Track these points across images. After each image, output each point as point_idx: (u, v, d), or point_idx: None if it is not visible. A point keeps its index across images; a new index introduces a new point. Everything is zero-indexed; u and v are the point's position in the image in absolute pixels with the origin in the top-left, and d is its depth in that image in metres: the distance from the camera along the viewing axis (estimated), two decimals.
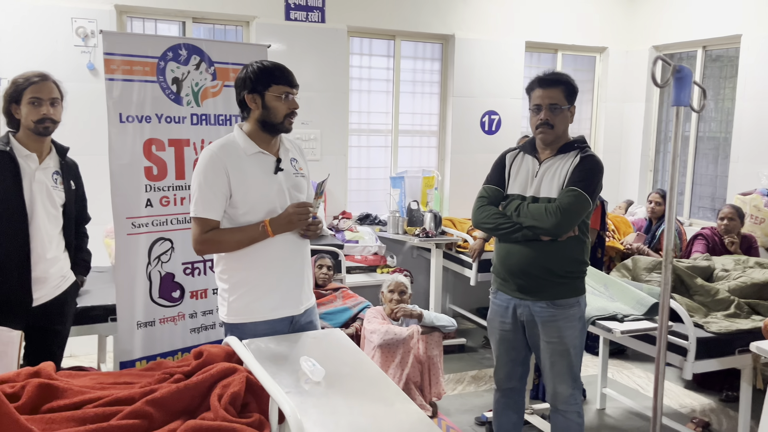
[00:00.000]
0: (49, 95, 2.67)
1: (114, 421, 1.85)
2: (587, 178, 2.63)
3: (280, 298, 2.46)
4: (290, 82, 2.40)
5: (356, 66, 5.46)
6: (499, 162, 2.90)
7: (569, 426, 2.81)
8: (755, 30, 5.14)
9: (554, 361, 2.73)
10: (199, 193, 2.34)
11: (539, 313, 2.72)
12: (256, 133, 2.41)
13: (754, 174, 5.07)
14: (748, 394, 3.24)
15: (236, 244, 2.37)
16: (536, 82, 2.70)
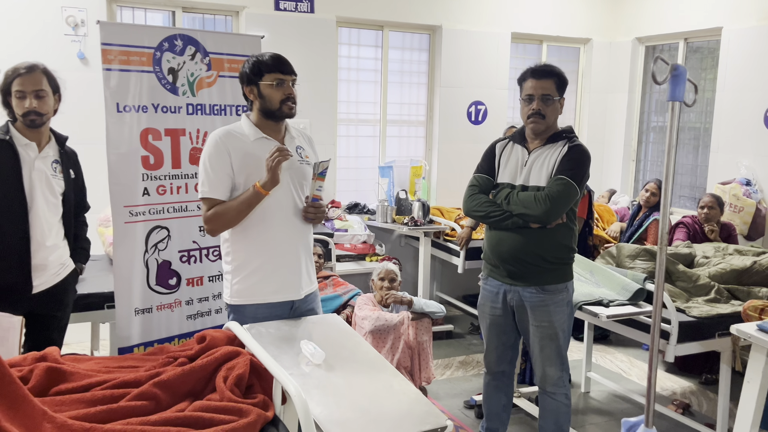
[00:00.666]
0: (33, 87, 2.66)
1: (122, 402, 1.91)
2: (575, 167, 2.72)
3: (281, 282, 2.54)
4: (282, 69, 2.49)
5: (345, 56, 5.50)
6: (489, 151, 2.99)
7: (558, 407, 2.91)
8: (735, 23, 5.26)
9: (544, 345, 2.83)
10: (205, 175, 2.46)
11: (529, 298, 2.81)
12: (260, 122, 2.52)
13: (734, 163, 5.21)
14: (728, 376, 3.37)
15: (236, 211, 2.45)
16: (529, 73, 2.78)
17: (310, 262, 2.67)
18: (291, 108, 2.50)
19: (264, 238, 2.51)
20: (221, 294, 3.32)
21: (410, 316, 3.92)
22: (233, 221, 2.47)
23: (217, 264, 3.33)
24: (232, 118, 3.29)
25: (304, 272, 2.62)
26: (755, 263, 3.65)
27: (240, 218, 2.46)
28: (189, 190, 3.20)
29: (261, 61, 2.48)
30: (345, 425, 1.84)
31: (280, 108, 2.47)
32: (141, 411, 1.90)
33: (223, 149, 2.45)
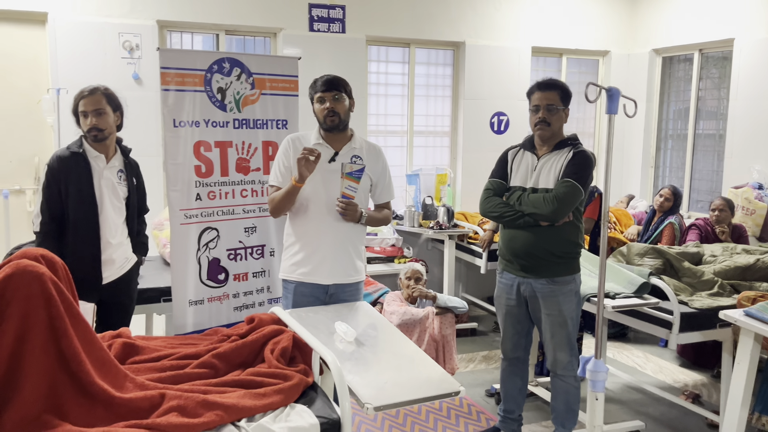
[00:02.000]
0: (94, 107, 3.06)
1: (187, 369, 2.28)
2: (579, 171, 3.04)
3: (312, 267, 3.02)
4: (322, 88, 2.98)
5: (374, 72, 5.88)
6: (503, 158, 3.33)
7: (567, 389, 3.21)
8: (747, 34, 5.50)
9: (554, 332, 3.14)
10: (273, 167, 3.10)
11: (540, 289, 3.13)
12: (323, 132, 3.05)
13: (746, 169, 5.43)
14: (729, 364, 3.60)
15: (280, 198, 3.00)
16: (535, 86, 3.13)
17: (348, 257, 3.04)
18: (332, 120, 2.98)
19: (305, 227, 3.03)
20: (264, 288, 3.72)
21: (435, 311, 4.25)
22: (280, 206, 3.01)
23: (260, 261, 3.71)
24: (273, 131, 3.69)
25: (337, 263, 3.00)
26: (758, 260, 3.89)
27: (285, 204, 2.99)
28: (236, 196, 3.59)
29: (312, 84, 3.03)
30: (373, 388, 2.18)
31: (324, 121, 2.99)
32: (203, 376, 2.28)
33: (288, 148, 3.04)
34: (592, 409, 2.43)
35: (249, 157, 3.62)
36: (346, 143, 3.06)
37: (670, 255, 3.93)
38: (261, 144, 3.66)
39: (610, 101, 2.34)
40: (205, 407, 1.98)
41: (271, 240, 3.74)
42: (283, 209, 3.02)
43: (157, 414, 1.96)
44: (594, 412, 2.42)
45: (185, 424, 1.91)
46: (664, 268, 3.89)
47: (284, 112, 3.73)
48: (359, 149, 3.09)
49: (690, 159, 6.24)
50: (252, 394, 2.09)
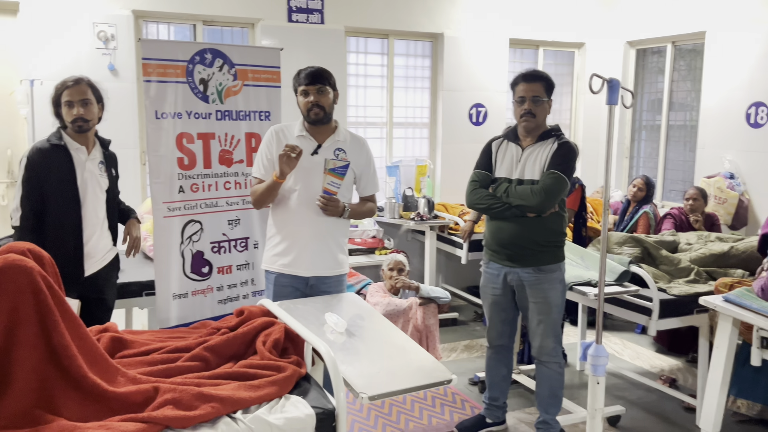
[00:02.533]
0: (79, 97, 3.02)
1: (179, 363, 2.27)
2: (564, 162, 3.09)
3: (292, 258, 3.03)
4: (305, 82, 2.97)
5: (353, 63, 5.87)
6: (486, 149, 3.35)
7: (551, 375, 3.27)
8: (719, 27, 5.60)
9: (540, 319, 3.19)
10: (256, 159, 3.09)
11: (527, 278, 3.17)
12: (307, 125, 3.03)
13: (718, 159, 5.56)
14: (706, 349, 3.71)
15: (261, 192, 3.00)
16: (520, 77, 3.15)
17: (328, 251, 3.05)
18: (316, 113, 2.96)
19: (283, 219, 3.04)
20: (248, 281, 3.71)
21: (418, 301, 4.28)
22: (262, 199, 3.02)
23: (244, 254, 3.70)
24: (256, 122, 3.67)
25: (316, 256, 3.01)
26: (732, 248, 3.99)
27: (266, 197, 3.00)
28: (219, 188, 3.57)
29: (296, 76, 3.01)
30: (366, 377, 2.20)
31: (308, 114, 2.97)
32: (194, 369, 2.27)
33: (271, 140, 3.04)
34: (593, 393, 2.49)
35: (232, 149, 3.60)
36: (329, 135, 3.05)
37: (648, 243, 4.01)
38: (244, 136, 3.64)
39: (611, 92, 2.38)
40: (200, 399, 1.97)
41: (255, 232, 3.73)
42: (264, 202, 3.03)
43: (152, 407, 1.94)
44: (595, 395, 2.48)
45: (181, 417, 1.90)
46: (643, 257, 3.97)
47: (267, 104, 3.71)
48: (343, 141, 3.08)
49: (663, 149, 6.36)
50: (247, 386, 2.09)
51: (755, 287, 2.86)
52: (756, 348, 2.93)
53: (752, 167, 5.38)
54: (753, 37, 5.33)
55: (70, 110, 3.00)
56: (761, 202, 5.31)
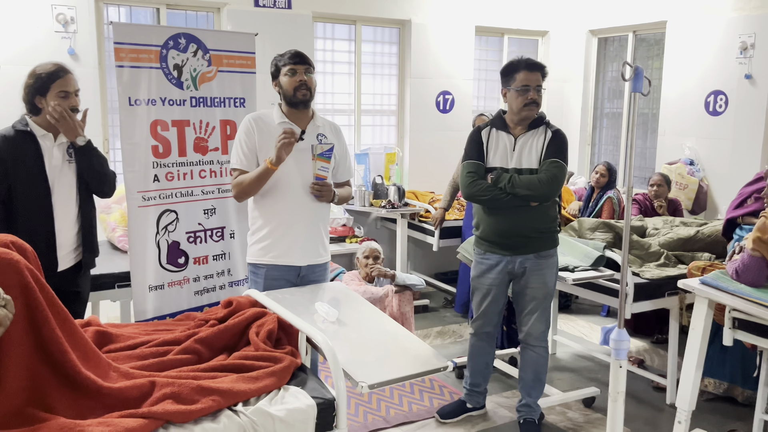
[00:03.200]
0: (74, 88, 2.92)
1: (170, 356, 2.22)
2: (562, 150, 3.16)
3: (285, 248, 2.93)
4: (294, 60, 2.88)
5: (320, 49, 5.80)
6: (476, 139, 3.29)
7: (538, 359, 3.32)
8: (679, 16, 5.75)
9: (537, 303, 3.23)
10: (234, 149, 2.92)
11: (528, 265, 3.20)
12: (287, 110, 2.93)
13: (679, 145, 5.72)
14: (676, 330, 3.83)
15: (250, 181, 2.86)
16: (523, 65, 3.13)
17: (319, 237, 3.01)
18: (304, 94, 2.88)
19: (275, 208, 2.92)
20: (224, 271, 3.64)
21: (394, 289, 4.29)
22: (250, 189, 2.88)
23: (221, 244, 3.63)
24: (231, 109, 3.59)
25: (314, 244, 2.97)
26: (698, 232, 4.12)
27: (255, 187, 2.86)
28: (194, 176, 3.49)
29: (280, 57, 2.91)
30: (364, 366, 2.19)
31: (294, 94, 2.87)
32: (187, 362, 2.22)
33: (251, 129, 2.90)
34: (615, 376, 2.53)
35: (207, 137, 3.52)
36: (309, 121, 2.99)
37: (619, 229, 4.11)
38: (219, 123, 3.56)
39: (636, 80, 2.40)
40: (200, 393, 1.93)
41: (231, 222, 3.66)
42: (252, 193, 2.89)
43: (151, 402, 1.89)
44: (617, 378, 2.52)
45: (183, 411, 1.85)
46: (614, 242, 4.06)
47: (241, 90, 3.64)
48: (322, 127, 3.04)
49: (624, 137, 6.51)
50: (245, 378, 2.06)
51: (729, 270, 2.95)
52: (728, 329, 3.02)
53: (711, 154, 5.56)
54: (711, 27, 5.49)
55: (64, 101, 2.86)
56: (719, 188, 5.50)
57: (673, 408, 3.60)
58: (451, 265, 6.13)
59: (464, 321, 5.18)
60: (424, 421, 3.54)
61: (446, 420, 3.50)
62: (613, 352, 2.50)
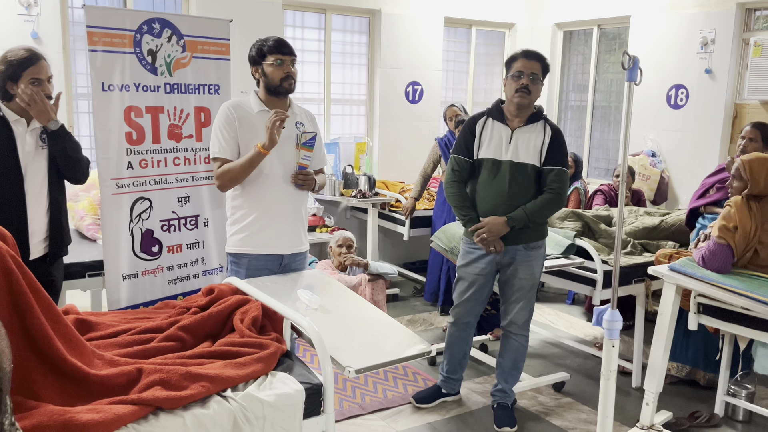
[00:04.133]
0: (47, 75, 2.86)
1: (153, 343, 2.20)
2: (564, 155, 3.22)
3: (269, 237, 2.90)
4: (282, 51, 2.84)
5: (290, 37, 5.75)
6: (469, 130, 3.28)
7: (518, 347, 3.38)
8: (642, 11, 5.89)
9: (523, 293, 3.28)
10: (215, 138, 2.84)
11: (518, 256, 3.23)
12: (265, 98, 2.88)
13: (641, 138, 5.87)
14: (641, 316, 3.95)
15: (240, 168, 2.79)
16: (521, 54, 3.16)
17: (301, 225, 3.00)
18: (290, 84, 2.85)
19: (257, 197, 2.87)
20: (198, 260, 3.61)
21: (367, 277, 4.31)
22: (238, 177, 2.82)
23: (194, 232, 3.60)
24: (206, 96, 3.55)
25: (295, 232, 2.96)
26: (662, 222, 4.26)
27: (243, 175, 2.81)
28: (168, 164, 3.44)
29: (265, 44, 2.83)
30: (350, 352, 2.21)
31: (281, 84, 2.83)
32: (171, 350, 2.20)
33: (231, 117, 2.83)
34: (608, 356, 2.61)
35: (181, 124, 3.48)
36: (287, 109, 2.94)
37: (587, 218, 4.21)
38: (193, 110, 3.53)
39: (632, 69, 2.47)
40: (189, 379, 1.93)
41: (205, 210, 3.63)
42: (240, 180, 2.82)
43: (139, 389, 1.88)
44: (610, 358, 2.59)
45: (172, 398, 1.85)
46: (583, 231, 4.16)
47: (216, 77, 3.61)
48: (299, 115, 3.01)
49: (589, 129, 6.65)
50: (233, 364, 2.06)
51: (696, 257, 3.07)
52: (693, 313, 3.14)
53: (672, 146, 5.73)
54: (674, 23, 5.64)
55: (37, 88, 2.79)
56: (680, 179, 5.67)
57: (639, 391, 3.73)
58: (420, 255, 6.19)
59: (434, 309, 5.23)
60: (399, 407, 3.58)
61: (422, 405, 3.54)
62: (606, 332, 2.58)
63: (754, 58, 5.05)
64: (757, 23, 5.31)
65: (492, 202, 3.20)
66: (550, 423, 3.45)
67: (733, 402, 3.49)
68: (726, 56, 5.31)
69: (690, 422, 3.43)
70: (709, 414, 3.48)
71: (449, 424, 3.41)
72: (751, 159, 3.06)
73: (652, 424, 3.24)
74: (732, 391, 3.49)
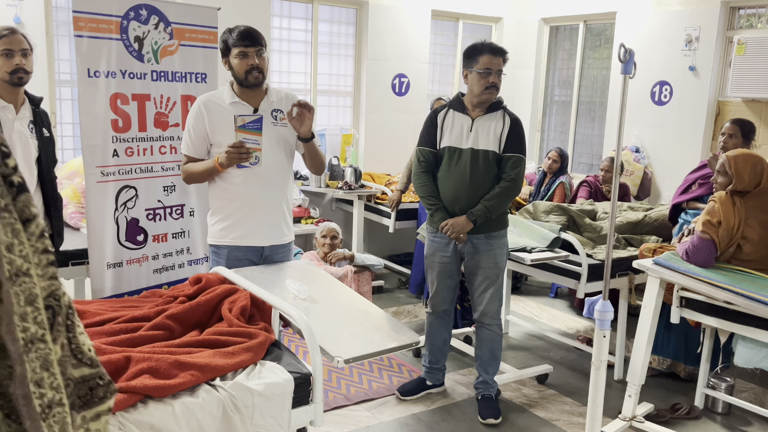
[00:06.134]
0: (19, 46, 2.83)
1: (141, 332, 2.19)
2: (522, 142, 3.28)
3: (248, 229, 2.88)
4: (244, 43, 2.75)
5: (276, 27, 5.72)
6: (431, 122, 3.36)
7: (493, 337, 3.42)
8: (628, 8, 5.93)
9: (489, 283, 3.31)
10: (185, 134, 2.86)
11: (480, 245, 3.27)
12: (238, 88, 2.83)
13: (625, 133, 5.92)
14: (624, 310, 4.00)
15: (199, 173, 2.83)
16: (486, 49, 3.17)
17: (282, 217, 2.98)
18: (256, 77, 2.78)
19: (236, 189, 2.84)
20: (184, 250, 3.59)
21: (353, 269, 4.31)
22: (196, 180, 2.89)
23: (180, 222, 3.57)
24: (193, 84, 3.52)
25: (276, 224, 2.94)
26: (646, 216, 4.31)
27: (203, 180, 2.87)
28: (154, 152, 3.41)
29: (228, 36, 2.78)
30: (339, 342, 2.21)
31: (246, 78, 2.77)
32: (158, 338, 2.19)
33: (199, 114, 2.80)
34: (599, 345, 2.66)
35: (167, 112, 3.45)
36: (262, 98, 2.87)
37: (572, 212, 4.24)
38: (180, 98, 3.49)
39: (628, 62, 2.50)
40: (177, 368, 1.92)
41: (191, 199, 3.60)
42: (199, 182, 2.91)
43: (127, 377, 1.87)
44: (600, 347, 2.65)
45: (161, 386, 1.84)
46: (568, 225, 4.19)
47: (203, 65, 3.57)
48: (277, 102, 2.92)
49: (573, 124, 6.69)
50: (222, 353, 2.05)
51: (679, 251, 3.11)
52: (675, 307, 3.18)
53: (655, 142, 5.79)
54: (659, 20, 5.69)
55: (8, 60, 2.76)
56: (662, 174, 5.74)
57: (621, 384, 3.78)
58: (405, 247, 6.20)
59: (419, 302, 5.25)
60: (385, 398, 3.59)
61: (406, 397, 3.56)
62: (597, 322, 2.63)
63: (737, 56, 5.11)
64: (741, 21, 5.37)
65: (454, 188, 3.26)
66: (534, 414, 3.49)
67: (713, 394, 3.54)
68: (710, 54, 5.37)
69: (671, 414, 3.48)
70: (689, 406, 3.53)
71: (434, 415, 3.43)
72: (736, 155, 3.11)
73: (634, 415, 3.28)
74: (712, 384, 3.55)
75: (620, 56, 2.45)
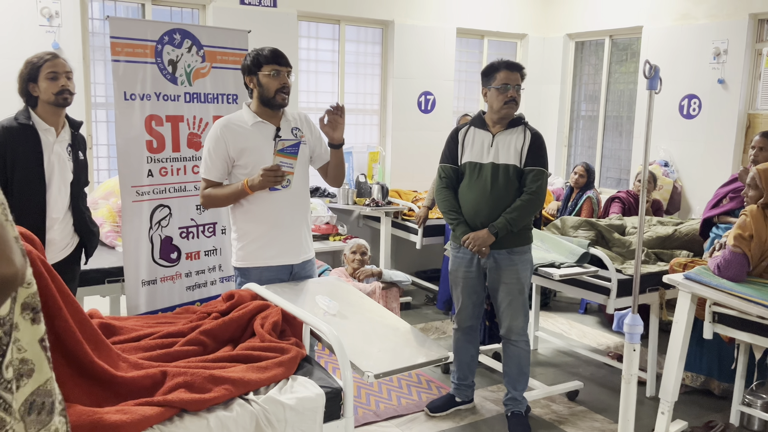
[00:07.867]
0: (63, 69, 2.94)
1: (176, 347, 2.24)
2: (543, 155, 3.28)
3: (279, 248, 2.90)
4: (278, 61, 2.81)
5: (304, 48, 5.83)
6: (452, 139, 3.44)
7: (520, 353, 3.41)
8: (654, 22, 5.92)
9: (512, 299, 3.31)
10: (204, 158, 2.84)
11: (502, 260, 3.28)
12: (258, 108, 2.85)
13: (654, 147, 5.89)
14: (656, 326, 3.96)
15: (225, 198, 2.83)
16: (503, 65, 3.23)
17: (308, 232, 3.03)
18: (284, 98, 2.81)
19: (264, 210, 2.85)
20: (216, 267, 3.66)
21: (381, 285, 4.35)
22: (219, 204, 2.88)
23: (212, 240, 3.64)
24: (224, 106, 3.61)
25: (303, 240, 2.98)
26: (676, 231, 4.27)
27: (228, 204, 2.86)
28: (187, 172, 3.50)
29: (261, 54, 2.81)
30: (369, 357, 2.24)
31: (274, 96, 2.79)
32: (193, 353, 2.24)
33: (220, 138, 2.79)
34: (629, 359, 2.65)
35: (200, 132, 3.54)
36: (281, 118, 2.90)
37: (601, 227, 4.23)
38: (212, 119, 3.57)
39: (653, 78, 2.52)
40: (212, 382, 1.96)
41: (222, 218, 3.68)
42: (221, 206, 2.91)
43: (164, 391, 1.92)
44: (631, 361, 2.65)
45: (196, 400, 1.88)
46: (597, 240, 4.17)
47: (234, 87, 3.66)
48: (294, 121, 2.95)
49: (600, 139, 6.67)
50: (254, 368, 2.09)
51: (711, 265, 3.08)
52: (708, 322, 3.14)
53: (685, 156, 5.74)
54: (685, 33, 5.67)
55: (54, 82, 2.87)
56: (692, 188, 5.68)
57: (653, 401, 3.74)
58: (432, 263, 6.22)
59: (446, 318, 5.25)
60: (414, 414, 3.60)
61: (436, 414, 3.56)
62: (626, 336, 2.62)
63: (766, 69, 5.07)
64: None
65: (475, 202, 3.29)
66: (564, 431, 3.46)
67: (749, 412, 3.48)
68: (738, 66, 5.32)
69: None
70: (724, 424, 3.47)
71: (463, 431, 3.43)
72: (767, 168, 3.08)
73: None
74: (747, 401, 3.48)
75: (645, 72, 2.46)
